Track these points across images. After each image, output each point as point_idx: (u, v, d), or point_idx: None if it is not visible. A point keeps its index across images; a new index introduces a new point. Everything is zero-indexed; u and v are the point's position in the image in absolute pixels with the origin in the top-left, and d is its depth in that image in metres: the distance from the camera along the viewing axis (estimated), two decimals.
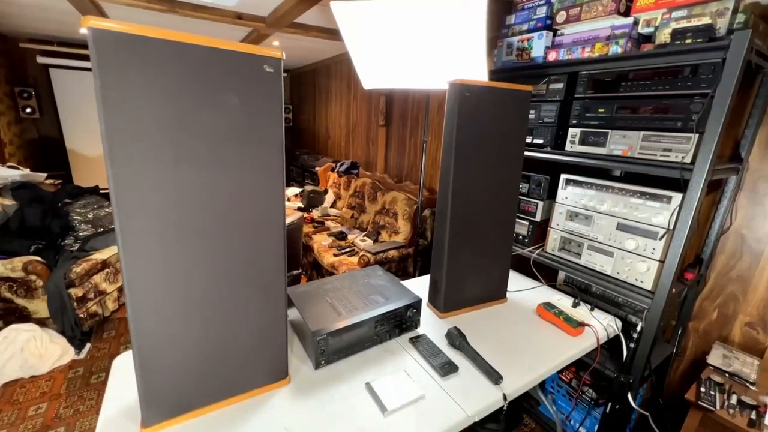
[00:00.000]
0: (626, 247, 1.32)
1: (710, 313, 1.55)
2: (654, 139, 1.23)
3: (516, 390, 0.97)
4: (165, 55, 0.64)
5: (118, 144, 0.63)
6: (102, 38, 0.58)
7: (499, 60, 1.78)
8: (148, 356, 0.74)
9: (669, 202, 1.21)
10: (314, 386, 0.93)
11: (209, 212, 0.74)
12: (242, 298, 0.82)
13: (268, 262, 0.83)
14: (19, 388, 1.94)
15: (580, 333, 1.22)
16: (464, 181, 1.20)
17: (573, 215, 1.52)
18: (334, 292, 1.18)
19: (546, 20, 1.59)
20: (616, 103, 1.34)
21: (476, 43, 1.51)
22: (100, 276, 2.44)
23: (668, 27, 1.20)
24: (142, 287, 0.71)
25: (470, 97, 1.14)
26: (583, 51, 1.43)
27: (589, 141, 1.42)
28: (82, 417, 1.79)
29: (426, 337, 1.14)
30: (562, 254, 1.57)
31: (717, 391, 1.25)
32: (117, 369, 0.96)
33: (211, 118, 0.70)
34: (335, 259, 2.64)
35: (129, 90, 0.62)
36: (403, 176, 3.42)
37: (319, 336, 0.96)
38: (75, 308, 2.22)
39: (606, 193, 1.40)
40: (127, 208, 0.66)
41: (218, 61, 0.69)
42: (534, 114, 1.62)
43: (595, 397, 1.48)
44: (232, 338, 0.83)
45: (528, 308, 1.38)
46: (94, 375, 2.06)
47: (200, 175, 0.72)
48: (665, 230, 1.21)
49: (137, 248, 0.68)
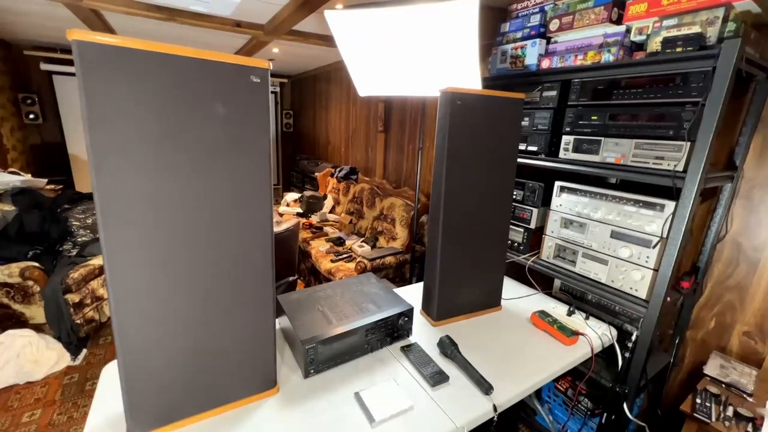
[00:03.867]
0: (620, 255, 1.31)
1: (708, 322, 1.53)
2: (647, 147, 1.23)
3: (506, 401, 0.96)
4: (151, 66, 0.64)
5: (102, 155, 0.63)
6: (87, 50, 0.59)
7: (494, 67, 1.79)
8: (133, 365, 0.74)
9: (662, 210, 1.20)
10: (303, 396, 0.93)
11: (194, 222, 0.74)
12: (228, 307, 0.82)
13: (254, 271, 0.83)
14: (14, 394, 1.93)
15: (574, 342, 1.21)
16: (457, 188, 1.20)
17: (567, 223, 1.51)
18: (326, 300, 1.18)
19: (540, 28, 1.59)
20: (609, 111, 1.34)
21: (469, 50, 1.52)
22: (97, 281, 2.44)
23: (659, 35, 1.20)
24: (126, 296, 0.70)
25: (462, 105, 1.15)
26: (576, 59, 1.44)
27: (583, 148, 1.42)
28: (75, 424, 1.78)
29: (418, 346, 1.13)
30: (557, 262, 1.57)
31: (713, 402, 1.23)
32: (106, 377, 0.96)
33: (197, 128, 0.71)
34: (332, 265, 2.63)
35: (114, 101, 0.63)
36: (402, 182, 3.42)
37: (309, 345, 0.96)
38: (72, 314, 2.22)
39: (600, 201, 1.40)
40: (112, 218, 0.66)
41: (205, 72, 0.69)
42: (528, 121, 1.62)
43: (591, 407, 1.46)
44: (218, 347, 0.83)
45: (523, 316, 1.37)
46: (89, 381, 2.06)
47: (185, 185, 0.72)
48: (659, 238, 1.21)
49: (122, 258, 0.69)
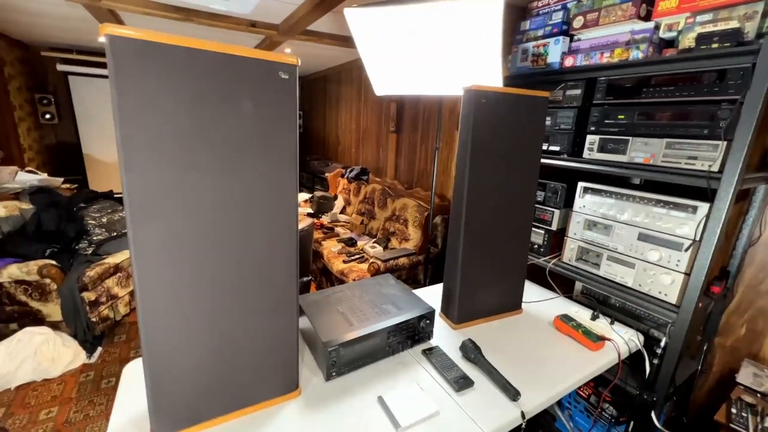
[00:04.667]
0: (649, 258, 1.27)
1: (738, 328, 1.47)
2: (678, 147, 1.18)
3: (535, 407, 0.93)
4: (180, 61, 0.63)
5: (132, 150, 0.62)
6: (119, 45, 0.58)
7: (514, 66, 1.76)
8: (158, 365, 0.73)
9: (694, 212, 1.16)
10: (325, 399, 0.91)
11: (221, 219, 0.73)
12: (253, 307, 0.80)
13: (280, 270, 0.82)
14: (32, 391, 1.95)
15: (600, 347, 1.17)
16: (479, 187, 1.17)
17: (591, 224, 1.47)
18: (345, 302, 1.16)
19: (562, 25, 1.56)
20: (637, 110, 1.30)
21: (492, 48, 1.49)
22: (112, 280, 2.46)
23: (692, 31, 1.16)
24: (153, 294, 0.69)
25: (486, 104, 1.12)
26: (602, 56, 1.40)
27: (609, 148, 1.38)
28: (92, 422, 1.78)
29: (439, 349, 1.11)
30: (579, 264, 1.52)
31: (749, 413, 1.18)
32: (127, 376, 0.95)
33: (224, 124, 0.69)
34: (345, 266, 2.62)
35: (144, 96, 0.62)
36: (414, 183, 3.39)
37: (331, 347, 0.94)
38: (87, 312, 2.24)
39: (626, 202, 1.36)
40: (140, 214, 0.65)
41: (233, 67, 0.68)
42: (550, 120, 1.59)
43: (616, 415, 1.41)
44: (243, 348, 0.81)
45: (544, 320, 1.34)
46: (105, 380, 2.06)
47: (213, 182, 0.71)
48: (691, 241, 1.16)
49: (149, 255, 0.67)
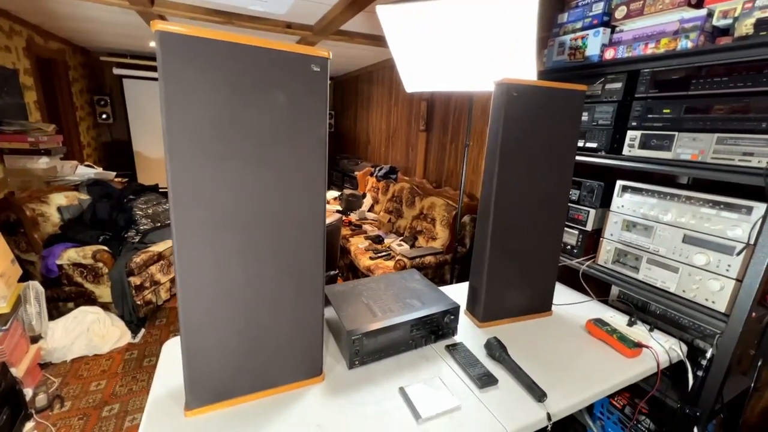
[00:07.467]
0: (694, 262, 1.18)
1: None
2: (731, 142, 1.09)
3: (561, 410, 0.90)
4: (221, 54, 0.67)
5: (176, 139, 0.67)
6: (167, 39, 0.63)
7: (549, 60, 1.70)
8: (194, 343, 0.78)
9: (749, 213, 1.06)
10: (348, 386, 0.93)
11: (255, 207, 0.77)
12: (282, 292, 0.84)
13: (307, 258, 0.85)
14: (84, 365, 2.14)
15: (637, 354, 1.11)
16: (508, 185, 1.15)
17: (630, 225, 1.39)
18: (370, 293, 1.18)
19: (603, 17, 1.49)
20: (685, 103, 1.21)
21: (526, 42, 1.45)
22: (155, 267, 2.64)
23: (751, 17, 1.07)
24: (191, 277, 0.74)
25: (518, 98, 1.09)
26: (646, 47, 1.32)
27: (652, 144, 1.30)
28: (134, 396, 1.93)
29: (463, 346, 1.10)
30: (616, 267, 1.45)
31: None
32: (165, 353, 1.02)
33: (259, 116, 0.73)
34: (371, 263, 2.64)
35: (188, 88, 0.66)
36: (443, 182, 3.36)
37: (354, 336, 0.96)
38: (133, 295, 2.42)
39: (670, 202, 1.27)
40: (182, 199, 0.70)
41: (268, 60, 0.71)
42: (587, 116, 1.52)
43: (653, 429, 1.32)
44: (271, 331, 0.85)
45: (576, 323, 1.28)
46: (146, 358, 2.22)
47: (247, 171, 0.74)
48: (744, 245, 1.07)
49: (189, 239, 0.72)
